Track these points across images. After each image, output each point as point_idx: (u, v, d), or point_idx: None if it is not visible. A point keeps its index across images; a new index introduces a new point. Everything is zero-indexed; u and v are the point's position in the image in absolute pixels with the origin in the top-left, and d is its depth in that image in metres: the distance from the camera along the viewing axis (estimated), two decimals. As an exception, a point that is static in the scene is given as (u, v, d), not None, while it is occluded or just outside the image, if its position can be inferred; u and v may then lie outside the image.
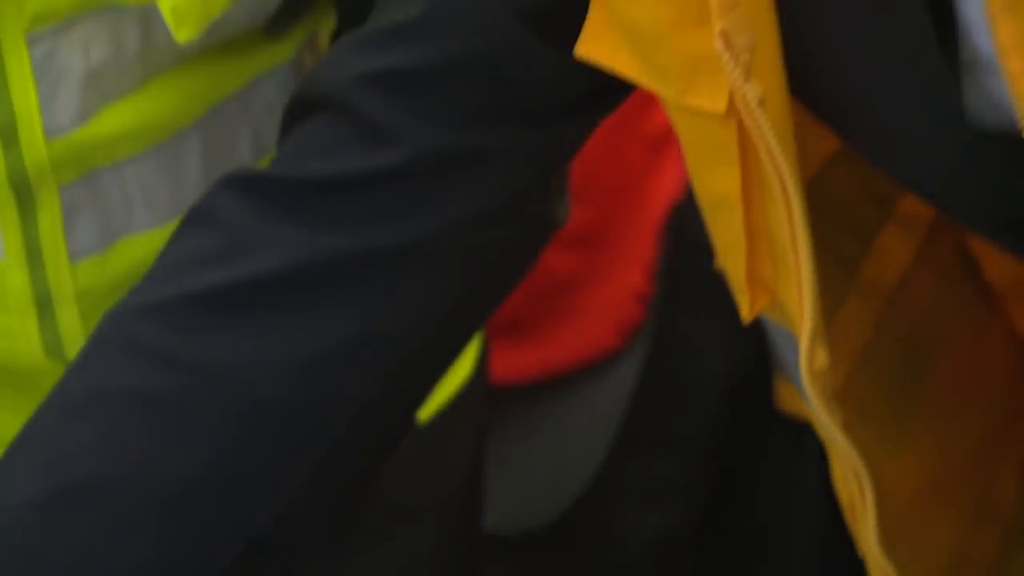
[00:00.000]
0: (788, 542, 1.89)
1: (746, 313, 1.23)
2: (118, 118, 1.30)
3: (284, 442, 1.19)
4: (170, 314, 1.16)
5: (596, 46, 1.17)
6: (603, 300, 1.74)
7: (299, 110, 1.24)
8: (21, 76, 1.27)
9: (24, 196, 1.31)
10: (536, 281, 1.47)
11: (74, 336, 1.37)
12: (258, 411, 1.16)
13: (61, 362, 1.39)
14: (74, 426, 1.14)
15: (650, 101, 1.66)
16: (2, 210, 1.32)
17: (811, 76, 1.15)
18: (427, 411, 1.48)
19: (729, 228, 1.21)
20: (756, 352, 1.71)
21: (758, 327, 1.58)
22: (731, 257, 1.21)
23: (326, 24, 1.40)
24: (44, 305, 1.35)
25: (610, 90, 1.18)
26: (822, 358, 1.20)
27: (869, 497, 1.28)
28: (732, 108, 1.14)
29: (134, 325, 1.17)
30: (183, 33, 1.23)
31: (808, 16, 1.12)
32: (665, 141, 1.73)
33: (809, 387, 1.20)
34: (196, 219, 1.20)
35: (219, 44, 1.32)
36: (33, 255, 1.34)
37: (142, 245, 1.36)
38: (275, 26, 1.35)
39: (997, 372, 1.40)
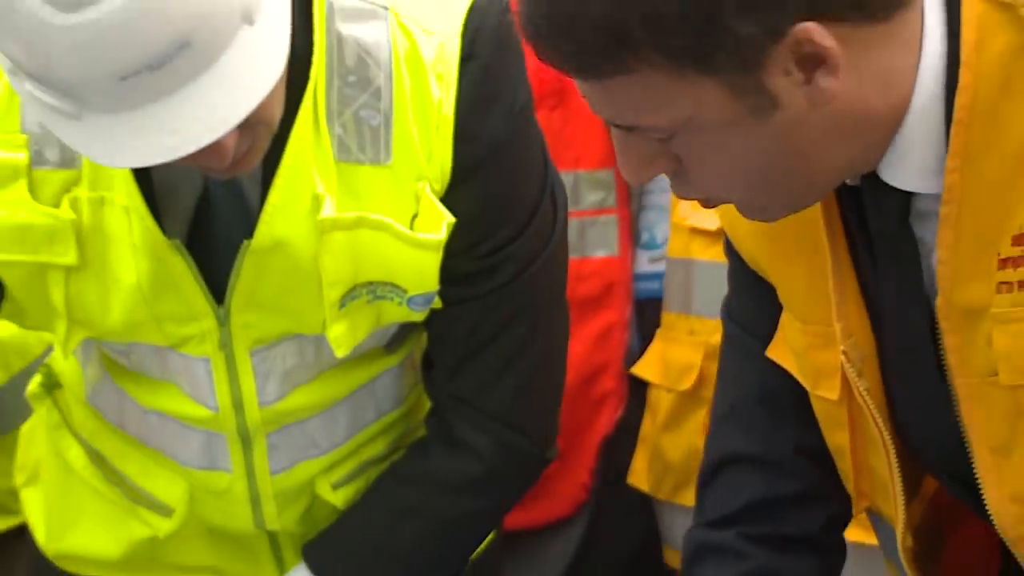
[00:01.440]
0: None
1: (855, 510, 1.72)
2: (300, 397, 1.83)
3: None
4: None
5: (777, 352, 1.67)
6: (566, 488, 2.38)
7: (714, 468, 1.74)
8: (246, 373, 1.78)
9: (245, 440, 1.83)
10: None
11: (272, 517, 1.89)
12: None
13: (264, 531, 1.92)
14: None
15: (596, 376, 2.35)
16: (232, 449, 1.84)
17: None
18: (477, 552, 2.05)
19: (843, 464, 1.65)
20: (652, 527, 2.36)
21: (653, 514, 2.35)
22: (844, 478, 1.68)
23: (420, 345, 1.91)
24: (255, 501, 1.87)
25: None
26: (909, 541, 1.64)
27: None
28: (842, 398, 1.59)
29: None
30: (340, 352, 1.74)
31: (885, 355, 1.57)
32: (602, 403, 2.35)
33: (902, 556, 1.66)
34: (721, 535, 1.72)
35: (359, 355, 1.81)
36: (249, 473, 1.86)
37: (312, 467, 1.89)
38: (390, 345, 1.87)
39: (979, 542, 1.74)
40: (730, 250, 1.68)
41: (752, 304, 1.68)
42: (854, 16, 1.37)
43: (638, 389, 2.47)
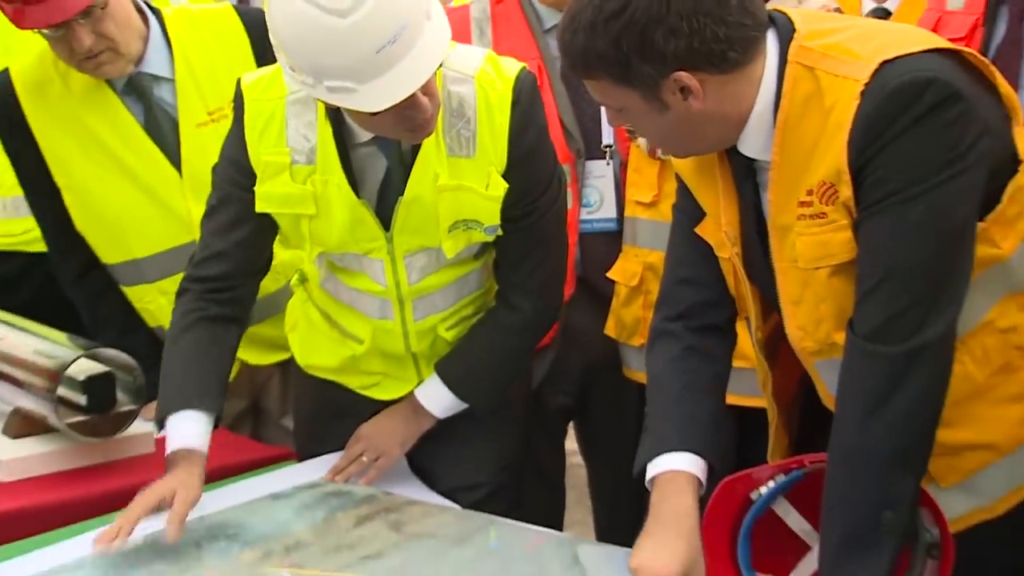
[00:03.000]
0: (621, 422, 3.27)
1: (739, 318, 2.30)
2: (429, 281, 2.77)
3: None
4: None
5: (701, 230, 2.27)
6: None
7: (667, 288, 2.24)
8: (401, 268, 2.72)
9: (401, 303, 2.78)
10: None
11: (415, 345, 2.81)
12: None
13: (410, 354, 2.83)
14: None
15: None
16: (394, 308, 2.77)
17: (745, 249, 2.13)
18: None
19: (732, 293, 2.26)
20: (611, 348, 3.14)
21: (598, 346, 3.12)
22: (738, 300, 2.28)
23: (491, 256, 2.85)
24: (405, 336, 2.83)
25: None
26: (760, 335, 2.28)
27: (768, 379, 2.33)
28: (730, 258, 2.19)
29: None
30: (449, 255, 2.70)
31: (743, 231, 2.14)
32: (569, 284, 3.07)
33: (755, 344, 2.31)
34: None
35: (459, 260, 2.76)
36: (403, 321, 2.81)
37: (436, 318, 2.81)
38: (476, 255, 2.82)
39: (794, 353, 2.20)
40: (679, 178, 2.31)
41: (690, 204, 2.27)
42: (711, 69, 1.98)
43: (582, 282, 3.23)
